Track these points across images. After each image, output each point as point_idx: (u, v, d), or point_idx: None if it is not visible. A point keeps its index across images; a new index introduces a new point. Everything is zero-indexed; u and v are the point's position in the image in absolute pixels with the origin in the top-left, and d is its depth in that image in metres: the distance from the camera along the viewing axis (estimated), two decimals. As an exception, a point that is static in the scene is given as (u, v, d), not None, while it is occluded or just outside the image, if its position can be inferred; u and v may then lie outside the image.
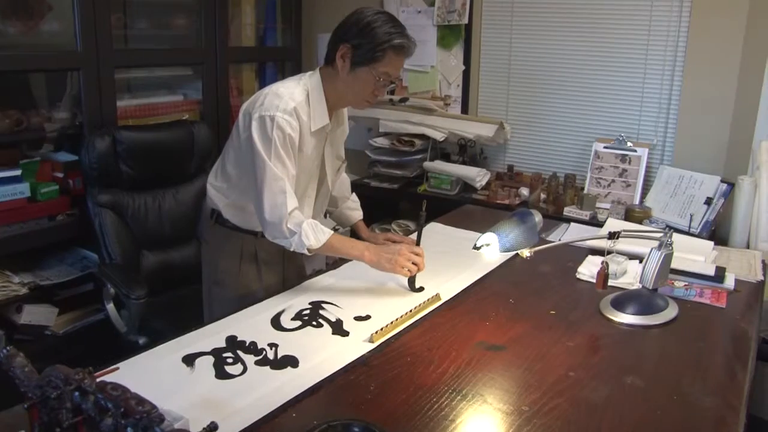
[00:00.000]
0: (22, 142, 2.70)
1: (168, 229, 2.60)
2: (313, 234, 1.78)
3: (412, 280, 1.86)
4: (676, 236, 2.25)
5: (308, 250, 1.78)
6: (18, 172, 2.47)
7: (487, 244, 1.74)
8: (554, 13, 3.21)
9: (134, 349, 1.51)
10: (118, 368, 1.22)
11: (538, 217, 1.85)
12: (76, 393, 0.68)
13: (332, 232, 1.82)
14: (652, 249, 1.73)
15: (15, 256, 2.60)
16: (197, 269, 2.14)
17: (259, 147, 1.77)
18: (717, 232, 2.74)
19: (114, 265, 2.39)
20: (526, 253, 1.70)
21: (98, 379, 0.74)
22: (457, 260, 2.07)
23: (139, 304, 2.20)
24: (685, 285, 1.93)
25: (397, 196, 3.50)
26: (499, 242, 1.72)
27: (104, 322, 2.48)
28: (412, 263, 1.80)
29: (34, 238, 2.55)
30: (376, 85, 1.84)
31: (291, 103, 1.80)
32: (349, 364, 1.45)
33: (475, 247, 1.77)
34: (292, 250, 1.81)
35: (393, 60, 1.81)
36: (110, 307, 2.40)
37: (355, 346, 1.54)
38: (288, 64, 3.74)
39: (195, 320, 1.71)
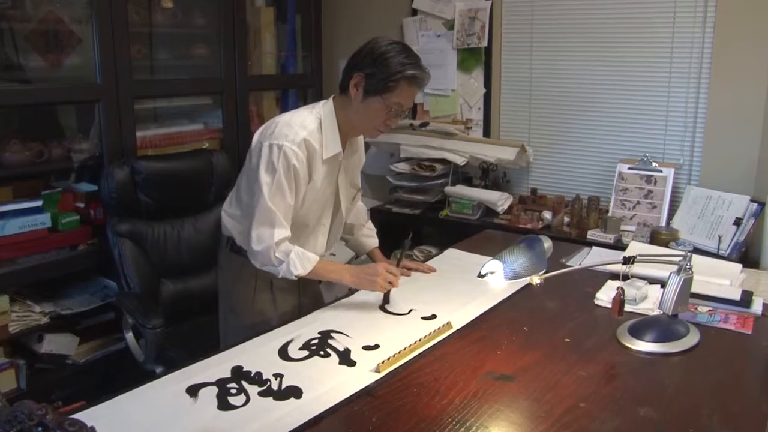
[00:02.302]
0: (49, 173, 2.78)
1: (187, 258, 2.63)
2: (300, 262, 1.84)
3: (387, 294, 1.93)
4: (701, 259, 2.21)
5: (296, 277, 1.85)
6: (39, 203, 2.53)
7: (492, 272, 1.71)
8: (574, 33, 3.19)
9: (147, 379, 1.52)
10: (84, 404, 1.22)
11: (547, 243, 1.82)
12: (39, 428, 0.69)
13: (318, 258, 1.89)
14: (671, 273, 1.68)
15: (37, 285, 2.66)
16: (216, 298, 2.16)
17: (261, 175, 1.81)
18: (748, 254, 2.66)
19: (132, 294, 2.42)
20: (536, 280, 1.67)
21: (75, 415, 0.74)
22: (471, 287, 2.04)
23: (155, 333, 2.23)
24: (709, 310, 1.87)
25: (419, 222, 3.49)
26: (504, 270, 1.69)
27: (124, 351, 2.51)
28: (388, 282, 1.89)
29: (55, 268, 2.60)
30: (388, 115, 1.85)
31: (301, 132, 1.82)
32: (353, 394, 1.43)
33: (480, 275, 1.75)
34: (280, 276, 1.86)
35: (405, 90, 1.82)
36: (129, 336, 2.43)
37: (361, 376, 1.52)
38: (310, 91, 3.78)
39: (212, 349, 1.71)
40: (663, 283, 1.74)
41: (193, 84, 3.24)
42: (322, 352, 1.65)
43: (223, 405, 1.41)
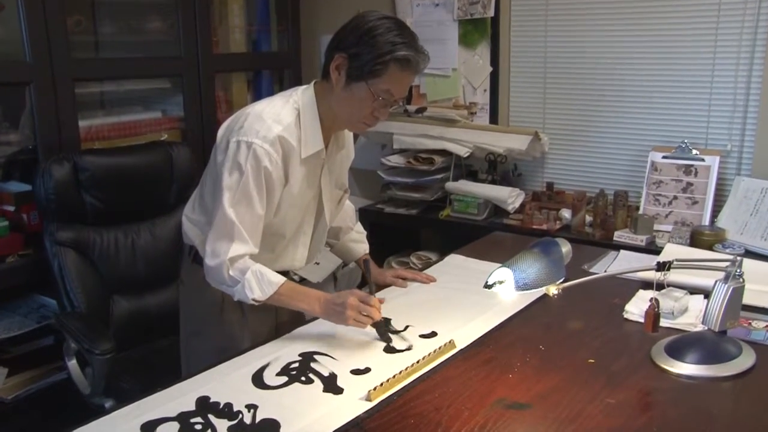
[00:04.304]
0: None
1: (143, 270, 2.63)
2: (257, 285, 1.80)
3: (380, 330, 1.83)
4: (755, 264, 2.22)
5: (254, 301, 1.81)
6: (-45, 206, 2.52)
7: (501, 282, 1.71)
8: None
9: (94, 415, 1.50)
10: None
11: (566, 247, 1.81)
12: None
13: (282, 281, 1.84)
14: (716, 281, 1.68)
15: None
16: (178, 317, 2.15)
17: (225, 178, 1.80)
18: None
19: (75, 314, 2.40)
20: (552, 290, 1.67)
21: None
22: (477, 299, 2.04)
23: (103, 360, 2.20)
24: (767, 326, 1.87)
25: (416, 224, 3.50)
26: (515, 279, 1.68)
27: (66, 383, 2.49)
28: (365, 315, 1.78)
29: (-23, 285, 2.58)
30: (375, 105, 1.83)
31: (275, 128, 1.81)
32: (339, 427, 1.43)
33: (487, 286, 1.74)
34: (236, 299, 1.84)
35: (396, 76, 1.79)
36: (72, 364, 2.41)
37: (350, 405, 1.52)
38: (286, 72, 3.80)
39: (174, 378, 1.70)
40: (707, 294, 1.74)
41: (148, 64, 3.23)
42: (303, 378, 1.65)
43: (185, 443, 1.40)
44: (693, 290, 2.00)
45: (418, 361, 1.67)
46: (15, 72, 2.68)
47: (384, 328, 1.84)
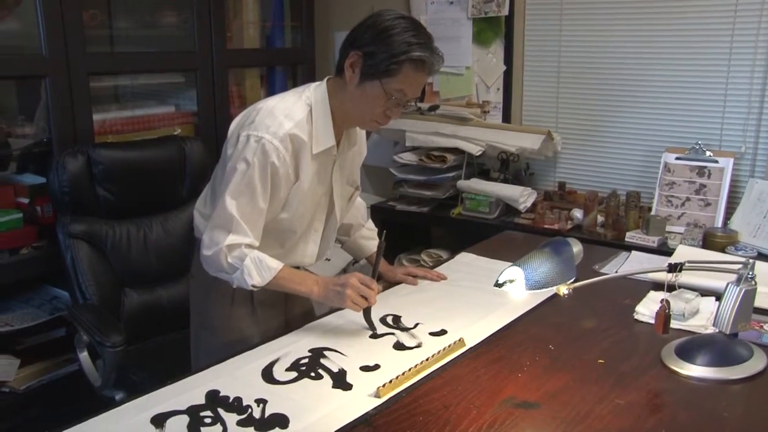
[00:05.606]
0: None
1: (155, 264, 2.63)
2: (256, 271, 1.82)
3: (368, 316, 1.87)
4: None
5: (253, 287, 1.84)
6: (-31, 199, 2.54)
7: (512, 281, 1.70)
8: (613, -1, 3.19)
9: (105, 407, 1.51)
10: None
11: (577, 247, 1.81)
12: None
13: (280, 266, 1.86)
14: (728, 284, 1.67)
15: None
16: (189, 311, 2.16)
17: (231, 169, 1.81)
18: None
19: (87, 307, 2.41)
20: (563, 290, 1.66)
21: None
22: (487, 298, 2.04)
23: (114, 352, 2.22)
24: (779, 329, 1.86)
25: (427, 221, 3.49)
26: (526, 278, 1.68)
27: (77, 374, 2.51)
28: (363, 296, 1.82)
29: (-9, 276, 2.59)
30: (388, 104, 1.84)
31: (286, 124, 1.82)
32: (348, 423, 1.43)
33: (497, 284, 1.74)
34: (235, 286, 1.87)
35: (410, 76, 1.80)
36: (83, 356, 2.42)
37: (359, 401, 1.52)
38: (300, 68, 3.79)
39: (184, 371, 1.71)
40: (718, 296, 1.73)
41: (162, 58, 3.24)
42: (312, 374, 1.65)
43: (194, 437, 1.40)
44: (704, 292, 1.99)
45: (427, 359, 1.67)
46: (31, 65, 2.69)
47: (370, 315, 1.87)
